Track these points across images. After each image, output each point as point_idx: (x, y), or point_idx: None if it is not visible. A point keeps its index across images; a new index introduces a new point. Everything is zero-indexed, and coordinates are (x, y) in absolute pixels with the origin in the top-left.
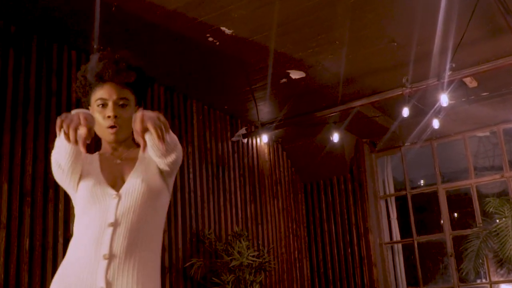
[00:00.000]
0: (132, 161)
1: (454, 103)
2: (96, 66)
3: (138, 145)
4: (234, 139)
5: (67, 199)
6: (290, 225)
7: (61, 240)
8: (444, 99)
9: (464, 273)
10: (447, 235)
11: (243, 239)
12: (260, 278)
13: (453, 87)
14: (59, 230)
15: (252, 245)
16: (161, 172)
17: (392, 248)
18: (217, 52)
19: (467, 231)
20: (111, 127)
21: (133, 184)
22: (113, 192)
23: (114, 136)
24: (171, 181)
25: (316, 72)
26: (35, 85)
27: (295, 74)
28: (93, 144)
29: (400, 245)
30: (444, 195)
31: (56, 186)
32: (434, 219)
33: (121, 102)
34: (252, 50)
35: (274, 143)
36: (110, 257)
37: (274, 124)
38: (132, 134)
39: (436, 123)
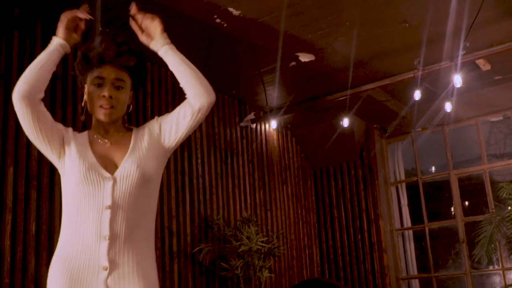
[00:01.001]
0: (124, 145)
1: (467, 87)
2: (98, 46)
3: (128, 130)
4: (242, 124)
5: None
6: (299, 211)
7: None
8: (457, 80)
9: (476, 260)
10: (459, 221)
11: (252, 224)
12: (269, 264)
13: (465, 70)
14: None
15: (261, 231)
16: (162, 152)
17: (402, 234)
18: (224, 34)
19: (480, 217)
20: (105, 107)
21: (128, 169)
22: (107, 174)
23: (107, 116)
24: (167, 157)
25: (326, 55)
26: None
27: (305, 57)
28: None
29: (411, 232)
30: (456, 181)
31: None
32: (443, 206)
33: (117, 84)
34: (261, 32)
35: (283, 129)
36: (111, 238)
37: (283, 109)
38: (123, 118)
39: (448, 106)
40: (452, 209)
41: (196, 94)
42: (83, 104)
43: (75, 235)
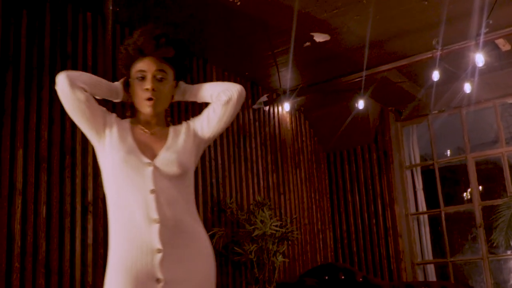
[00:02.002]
0: (163, 137)
1: (485, 67)
2: (137, 40)
3: (167, 125)
4: (255, 107)
5: (85, 165)
6: (313, 195)
7: (78, 207)
8: (479, 59)
9: (494, 244)
10: (476, 205)
11: (266, 208)
12: (283, 249)
13: (485, 50)
14: (77, 198)
15: (275, 215)
16: (197, 147)
17: (418, 219)
18: (237, 12)
19: (498, 201)
20: (148, 99)
21: (167, 158)
22: (147, 160)
23: (151, 108)
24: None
25: (341, 35)
26: (50, 48)
27: (319, 37)
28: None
29: (426, 216)
30: (474, 165)
31: (73, 152)
32: (458, 190)
33: (159, 76)
34: (275, 11)
35: (296, 112)
36: (161, 221)
37: (296, 91)
38: (165, 111)
39: (468, 87)
40: (465, 194)
41: (221, 91)
42: (125, 99)
43: (126, 216)
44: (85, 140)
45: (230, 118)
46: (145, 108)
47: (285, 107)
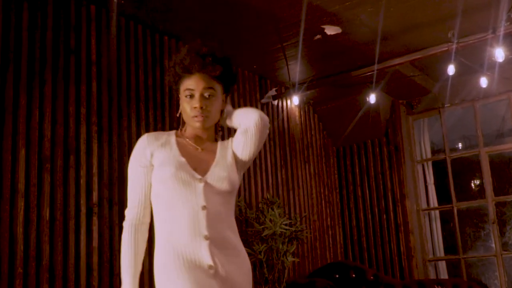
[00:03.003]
0: (212, 152)
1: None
2: (183, 59)
3: (217, 139)
4: (263, 101)
5: (89, 165)
6: (322, 190)
7: (83, 209)
8: (499, 54)
9: (511, 242)
10: (490, 201)
11: (275, 207)
12: (293, 248)
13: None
14: (81, 199)
15: (284, 213)
16: (240, 166)
17: (429, 214)
18: (245, 5)
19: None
20: (198, 117)
21: (217, 173)
22: (198, 176)
23: (200, 123)
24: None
25: (353, 28)
26: (52, 43)
27: (331, 30)
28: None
29: (437, 212)
30: (487, 159)
31: (78, 152)
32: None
33: (207, 93)
34: (284, 3)
35: (305, 105)
36: (210, 237)
37: (306, 85)
38: (215, 126)
39: (484, 82)
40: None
41: (241, 121)
42: (178, 114)
43: (176, 232)
44: (90, 139)
45: (258, 142)
46: (194, 123)
47: (294, 101)
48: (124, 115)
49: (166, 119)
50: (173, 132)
